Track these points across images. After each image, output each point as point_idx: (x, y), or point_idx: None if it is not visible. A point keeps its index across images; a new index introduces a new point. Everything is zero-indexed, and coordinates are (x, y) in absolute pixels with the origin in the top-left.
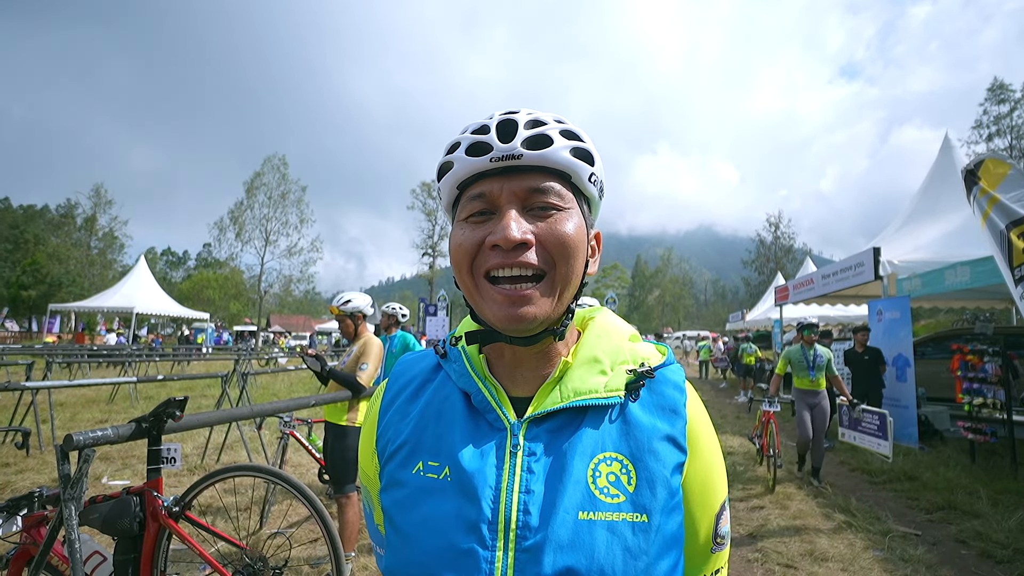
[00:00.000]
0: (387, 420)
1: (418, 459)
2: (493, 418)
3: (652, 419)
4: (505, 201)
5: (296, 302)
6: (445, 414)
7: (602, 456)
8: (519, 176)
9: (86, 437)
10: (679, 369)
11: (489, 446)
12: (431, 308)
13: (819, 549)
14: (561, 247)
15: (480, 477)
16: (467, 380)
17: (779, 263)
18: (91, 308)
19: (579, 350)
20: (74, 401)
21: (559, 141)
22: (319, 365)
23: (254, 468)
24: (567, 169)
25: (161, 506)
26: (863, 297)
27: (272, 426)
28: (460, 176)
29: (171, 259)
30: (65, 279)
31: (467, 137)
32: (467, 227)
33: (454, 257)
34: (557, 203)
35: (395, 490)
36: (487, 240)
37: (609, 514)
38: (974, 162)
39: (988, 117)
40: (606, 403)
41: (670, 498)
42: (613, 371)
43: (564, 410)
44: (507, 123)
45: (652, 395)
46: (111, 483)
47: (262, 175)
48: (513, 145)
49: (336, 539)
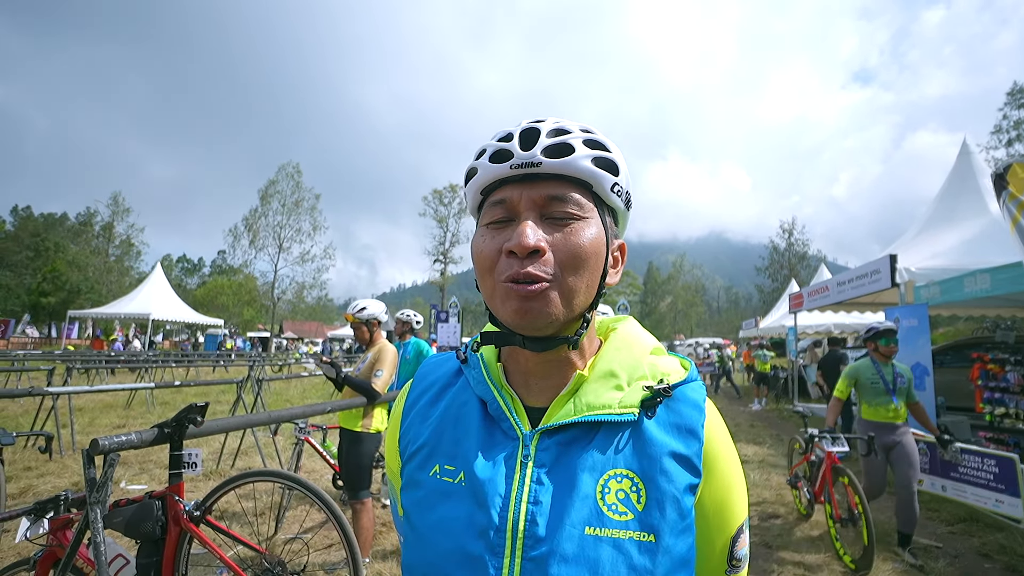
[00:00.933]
0: (409, 420)
1: (435, 462)
2: (507, 427)
3: (666, 438)
4: (524, 208)
5: (309, 308)
6: (463, 420)
7: (612, 472)
8: (538, 184)
9: (111, 442)
10: (700, 387)
11: (501, 455)
12: (443, 315)
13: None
14: (572, 257)
15: (491, 485)
16: (484, 388)
17: (793, 270)
18: (109, 314)
19: (596, 363)
20: (92, 406)
21: (581, 150)
22: (334, 371)
23: (274, 474)
24: (587, 178)
25: (183, 510)
26: (879, 304)
27: (287, 432)
28: (483, 182)
29: (186, 266)
30: (84, 286)
31: (492, 144)
32: (488, 233)
33: (476, 262)
34: (576, 212)
35: (414, 490)
36: (504, 247)
37: (616, 531)
38: (1003, 166)
39: (1008, 122)
40: (620, 420)
41: (680, 519)
42: (630, 387)
43: (577, 424)
44: (530, 131)
45: (669, 413)
46: (129, 487)
47: (276, 183)
48: (533, 153)
49: (354, 544)
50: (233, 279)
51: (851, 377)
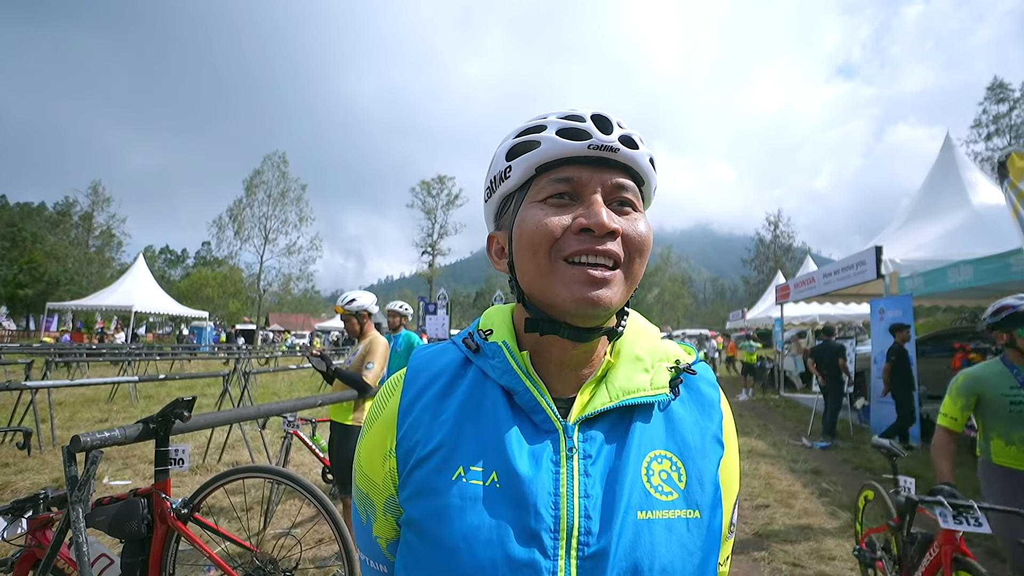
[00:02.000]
0: (412, 420)
1: (457, 464)
2: (541, 419)
3: (695, 416)
4: (593, 190)
5: (295, 300)
6: (485, 414)
7: (653, 454)
8: (610, 170)
9: (93, 438)
10: (708, 367)
11: (542, 449)
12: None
13: (825, 548)
14: (641, 244)
15: (538, 483)
16: (512, 377)
17: (778, 262)
18: (89, 306)
19: (620, 348)
20: (73, 400)
21: (643, 148)
22: (324, 365)
23: (263, 469)
24: (645, 175)
25: (169, 508)
26: (864, 296)
27: (275, 425)
28: (549, 156)
29: (170, 257)
30: (63, 277)
31: (556, 122)
32: (547, 208)
33: (533, 237)
34: (635, 203)
35: (427, 499)
36: (575, 223)
37: (665, 512)
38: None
39: (987, 116)
40: (653, 401)
41: (715, 492)
42: (655, 368)
43: (614, 410)
44: (602, 117)
45: (690, 392)
46: (112, 483)
47: (262, 173)
48: (612, 138)
49: (347, 537)
50: (218, 271)
51: (971, 392)
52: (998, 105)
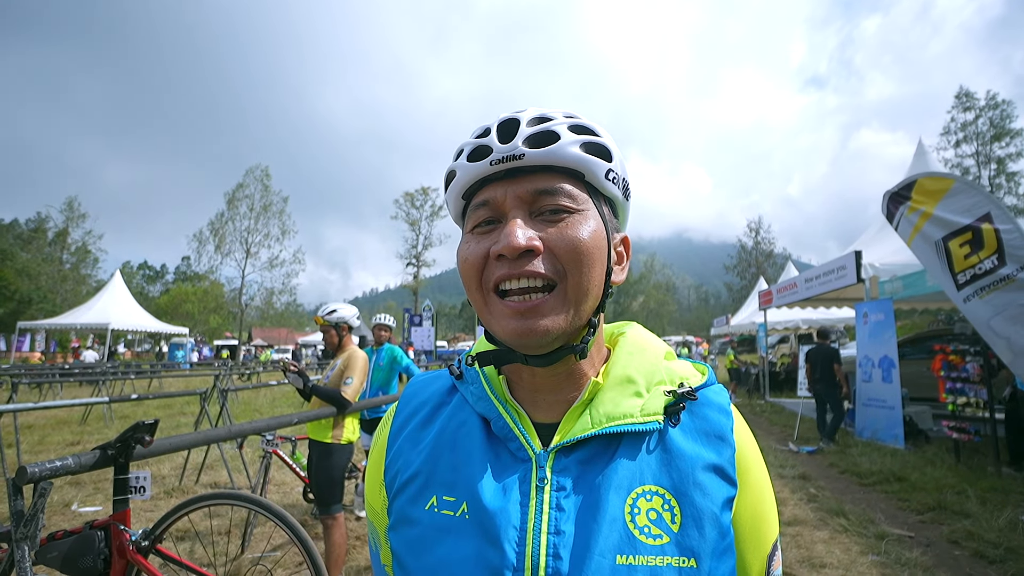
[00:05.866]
0: (396, 449)
1: (431, 493)
2: (516, 447)
3: (696, 447)
4: (510, 207)
5: (278, 315)
6: (461, 442)
7: (641, 490)
8: (523, 178)
9: (42, 468)
10: (722, 390)
11: (512, 479)
12: (416, 319)
13: (816, 555)
14: (572, 253)
15: (503, 516)
16: (486, 404)
17: (760, 267)
18: (64, 325)
19: (610, 369)
20: (43, 424)
21: (567, 136)
22: (301, 381)
23: (230, 495)
24: (578, 167)
25: (128, 540)
26: (845, 300)
27: (254, 443)
28: (464, 184)
29: (148, 273)
30: (36, 295)
31: (470, 142)
32: (472, 239)
33: (462, 272)
34: (568, 205)
35: (405, 528)
36: (491, 250)
37: (652, 558)
38: (902, 184)
39: (955, 124)
40: (643, 429)
41: (721, 539)
42: (649, 392)
43: (596, 438)
44: (509, 122)
45: (694, 419)
46: (81, 510)
47: (245, 187)
48: (514, 144)
49: (320, 567)
50: (198, 286)
51: None
52: (965, 113)
